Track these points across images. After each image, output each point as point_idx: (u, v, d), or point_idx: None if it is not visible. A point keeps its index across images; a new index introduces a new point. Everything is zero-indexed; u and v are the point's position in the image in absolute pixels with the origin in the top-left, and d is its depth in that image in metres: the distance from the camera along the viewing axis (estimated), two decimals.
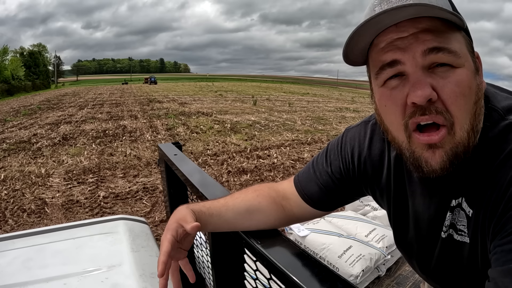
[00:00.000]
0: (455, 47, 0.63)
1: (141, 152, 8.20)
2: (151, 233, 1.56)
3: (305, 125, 12.99)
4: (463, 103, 0.64)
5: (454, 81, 0.63)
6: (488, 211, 0.65)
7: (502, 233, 0.61)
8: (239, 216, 1.02)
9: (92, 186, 5.82)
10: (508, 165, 0.63)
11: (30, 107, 22.05)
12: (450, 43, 0.63)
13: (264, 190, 1.10)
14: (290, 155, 7.96)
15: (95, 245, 1.43)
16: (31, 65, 74.50)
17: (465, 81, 0.64)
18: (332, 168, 1.03)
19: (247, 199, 1.06)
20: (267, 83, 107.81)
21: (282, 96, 33.39)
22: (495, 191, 0.63)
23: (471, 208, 0.71)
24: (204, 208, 1.01)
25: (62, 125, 12.91)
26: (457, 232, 0.77)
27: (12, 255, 1.36)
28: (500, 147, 0.65)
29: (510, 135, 0.65)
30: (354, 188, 1.03)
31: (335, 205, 1.08)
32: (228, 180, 6.11)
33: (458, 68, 0.64)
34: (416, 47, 0.63)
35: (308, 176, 1.08)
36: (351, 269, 2.69)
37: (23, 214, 4.72)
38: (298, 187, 1.09)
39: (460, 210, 0.74)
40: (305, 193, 1.06)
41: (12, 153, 8.30)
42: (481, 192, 0.67)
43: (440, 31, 0.63)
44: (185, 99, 26.43)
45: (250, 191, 1.10)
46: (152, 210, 4.85)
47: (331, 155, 1.05)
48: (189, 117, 14.88)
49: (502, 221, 0.61)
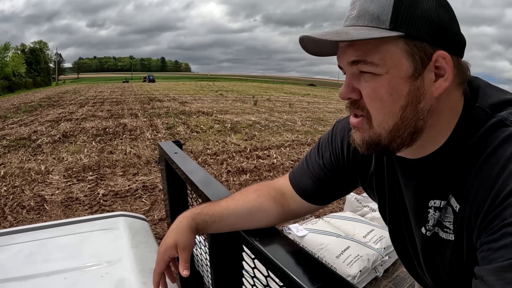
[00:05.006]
0: (374, 59, 0.69)
1: (141, 151, 8.21)
2: (150, 230, 1.57)
3: (305, 126, 13.01)
4: (379, 106, 0.72)
5: (371, 87, 0.71)
6: (475, 206, 0.67)
7: (488, 230, 0.62)
8: (241, 219, 1.05)
9: (91, 183, 5.83)
10: (493, 161, 0.65)
11: (30, 104, 22.03)
12: (369, 55, 0.70)
13: (264, 189, 1.13)
14: (290, 156, 7.98)
15: (95, 241, 1.44)
16: (32, 62, 74.51)
17: (383, 87, 0.70)
18: (324, 160, 1.07)
19: (248, 200, 1.08)
20: (268, 83, 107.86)
21: (283, 97, 33.39)
22: (481, 186, 0.66)
23: (458, 203, 0.72)
24: (207, 217, 1.04)
25: (63, 122, 12.91)
26: (442, 229, 0.79)
27: (15, 249, 1.37)
28: (485, 143, 0.68)
29: (496, 131, 0.67)
30: (346, 179, 1.06)
31: (329, 198, 1.11)
32: (227, 180, 6.12)
33: (380, 76, 0.70)
34: (343, 58, 0.75)
35: (302, 171, 1.11)
36: (348, 270, 2.70)
37: (22, 211, 4.73)
38: (292, 182, 1.12)
39: (448, 207, 0.76)
40: (300, 188, 1.09)
41: (12, 149, 8.30)
42: (468, 188, 0.69)
43: (362, 45, 0.70)
44: (185, 98, 26.42)
45: (250, 191, 1.12)
46: (151, 208, 4.87)
47: (323, 148, 1.09)
48: (190, 116, 14.88)
49: (489, 218, 0.63)
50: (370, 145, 0.76)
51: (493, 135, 0.67)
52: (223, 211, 1.04)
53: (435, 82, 0.70)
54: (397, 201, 0.93)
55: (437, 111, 0.72)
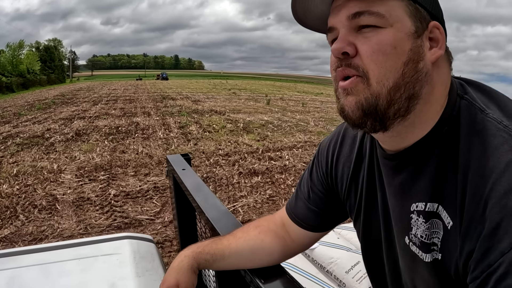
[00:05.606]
0: (380, 9, 0.67)
1: (152, 150, 8.22)
2: (157, 253, 1.53)
3: (318, 126, 12.91)
4: (381, 60, 0.67)
5: (375, 39, 0.67)
6: (466, 226, 0.62)
7: (483, 259, 0.58)
8: (242, 258, 1.03)
9: (103, 183, 5.83)
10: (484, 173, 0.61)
11: (44, 101, 22.29)
12: (374, 6, 0.67)
13: (265, 225, 1.11)
14: (302, 157, 7.90)
15: (99, 268, 1.38)
16: (46, 60, 75.26)
17: (388, 39, 0.67)
18: (315, 181, 1.05)
19: (249, 238, 1.06)
20: (281, 81, 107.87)
21: (296, 96, 33.39)
22: (474, 202, 0.61)
23: (452, 220, 0.67)
24: (208, 256, 1.02)
25: (76, 120, 13.01)
26: (429, 247, 0.72)
27: (17, 273, 1.34)
28: (472, 142, 0.65)
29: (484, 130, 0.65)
30: (338, 199, 1.02)
31: (329, 222, 1.07)
32: (239, 182, 6.08)
33: (383, 28, 0.67)
34: (342, 13, 0.70)
35: (296, 199, 1.09)
36: (358, 286, 2.63)
37: (34, 210, 4.75)
38: (289, 212, 1.10)
39: (437, 220, 0.70)
40: (296, 217, 1.07)
41: (25, 147, 8.38)
42: (461, 200, 0.64)
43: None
44: (198, 96, 26.54)
45: (252, 228, 1.10)
46: (162, 210, 4.84)
47: (312, 169, 1.07)
48: (202, 115, 14.91)
49: (484, 245, 0.58)
50: (365, 111, 0.69)
51: (481, 133, 0.65)
52: (225, 249, 1.03)
53: (431, 50, 0.70)
54: (377, 209, 0.88)
55: (432, 81, 0.70)
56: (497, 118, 0.65)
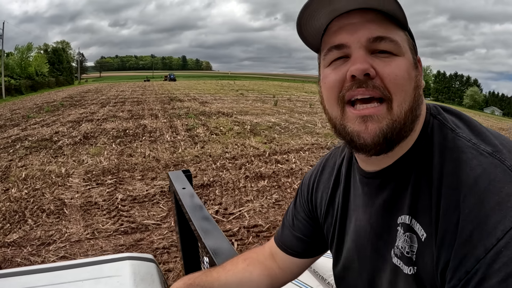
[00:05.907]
0: (397, 38, 0.71)
1: (159, 154, 8.25)
2: (157, 273, 1.52)
3: (326, 128, 12.84)
4: (402, 83, 0.69)
5: (394, 64, 0.69)
6: (441, 236, 0.64)
7: (459, 267, 0.59)
8: None
9: (110, 187, 5.87)
10: (455, 186, 0.64)
11: (53, 103, 22.45)
12: (392, 34, 0.70)
13: (254, 257, 1.14)
14: (309, 161, 7.90)
15: None
16: (54, 62, 75.62)
17: (405, 66, 0.70)
18: (298, 209, 1.09)
19: (237, 271, 1.08)
20: (288, 82, 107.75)
21: (303, 96, 33.33)
22: (447, 214, 0.64)
23: (424, 232, 0.68)
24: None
25: (84, 123, 13.10)
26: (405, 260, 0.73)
27: None
28: (444, 158, 0.68)
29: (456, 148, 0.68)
30: (320, 225, 1.04)
31: (312, 250, 1.09)
32: (245, 186, 6.08)
33: (399, 56, 0.70)
34: (362, 33, 0.70)
35: (283, 227, 1.13)
36: None
37: (42, 214, 4.79)
38: (276, 240, 1.13)
39: (411, 233, 0.71)
40: (283, 244, 1.10)
41: (33, 151, 8.46)
42: (436, 213, 0.66)
43: (384, 24, 0.71)
44: (206, 98, 26.61)
45: (241, 260, 1.12)
46: (168, 214, 4.86)
47: (296, 199, 1.12)
48: (209, 117, 14.93)
49: (459, 253, 0.60)
50: (387, 136, 0.69)
51: (452, 150, 0.69)
52: (214, 282, 1.05)
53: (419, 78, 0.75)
54: (349, 231, 0.90)
55: (423, 104, 0.75)
56: (466, 136, 0.69)
